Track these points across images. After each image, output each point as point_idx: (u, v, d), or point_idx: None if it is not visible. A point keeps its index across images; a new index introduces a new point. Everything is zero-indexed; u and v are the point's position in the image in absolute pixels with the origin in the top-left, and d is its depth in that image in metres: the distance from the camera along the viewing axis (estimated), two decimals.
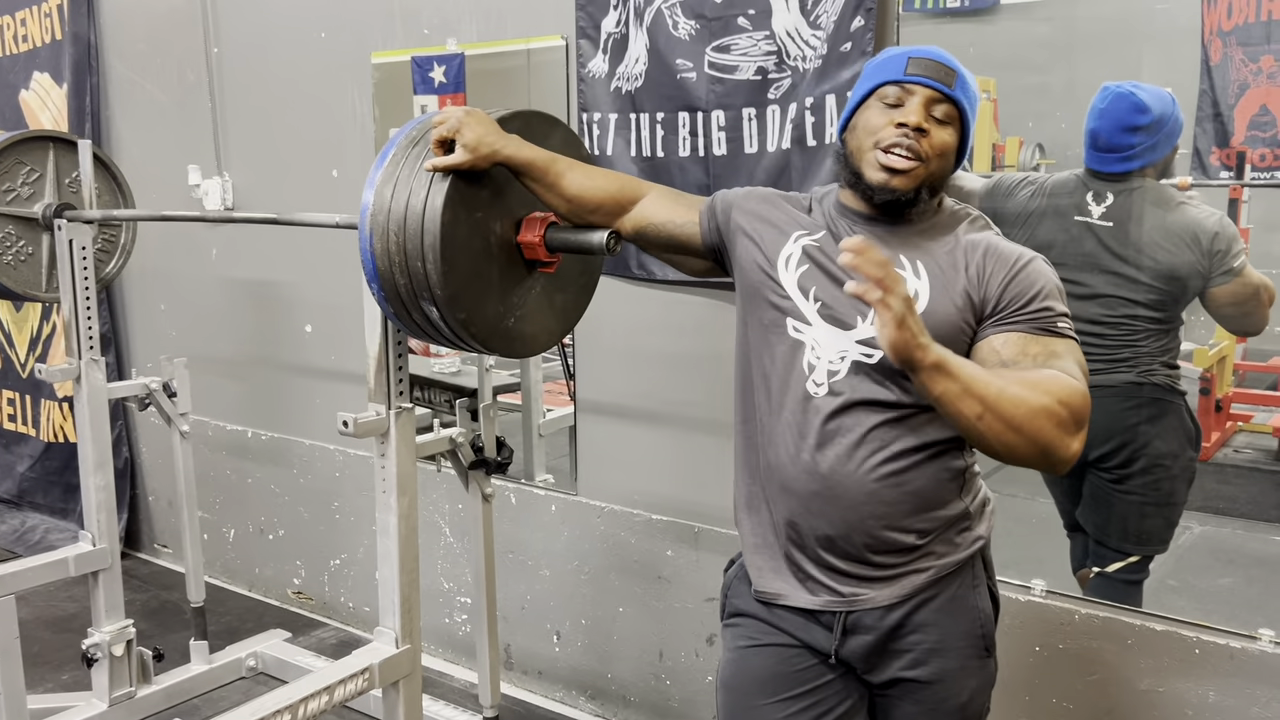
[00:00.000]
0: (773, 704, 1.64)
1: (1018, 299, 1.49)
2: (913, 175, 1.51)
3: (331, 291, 3.46)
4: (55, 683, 3.27)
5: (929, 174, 1.53)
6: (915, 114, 1.50)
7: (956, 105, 1.53)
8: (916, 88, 1.52)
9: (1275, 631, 2.02)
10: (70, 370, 2.81)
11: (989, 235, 1.57)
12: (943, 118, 1.52)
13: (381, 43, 3.18)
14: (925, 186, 1.53)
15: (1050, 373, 1.42)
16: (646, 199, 1.78)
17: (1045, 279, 1.51)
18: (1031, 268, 1.51)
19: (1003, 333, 1.48)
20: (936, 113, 1.52)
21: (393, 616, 2.16)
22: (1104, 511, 2.42)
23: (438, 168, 1.69)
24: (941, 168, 1.55)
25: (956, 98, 1.52)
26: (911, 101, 1.52)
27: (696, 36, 2.44)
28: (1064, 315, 1.50)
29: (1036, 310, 1.48)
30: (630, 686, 2.95)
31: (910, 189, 1.52)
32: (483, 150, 1.68)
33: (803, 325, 1.57)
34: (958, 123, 1.54)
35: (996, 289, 1.50)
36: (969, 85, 1.56)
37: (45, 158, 2.89)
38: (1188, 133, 2.92)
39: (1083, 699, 2.21)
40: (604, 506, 2.92)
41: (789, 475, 1.58)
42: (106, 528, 2.90)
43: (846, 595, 1.58)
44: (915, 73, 1.52)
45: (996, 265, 1.51)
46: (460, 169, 1.69)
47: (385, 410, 2.08)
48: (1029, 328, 1.48)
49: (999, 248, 1.53)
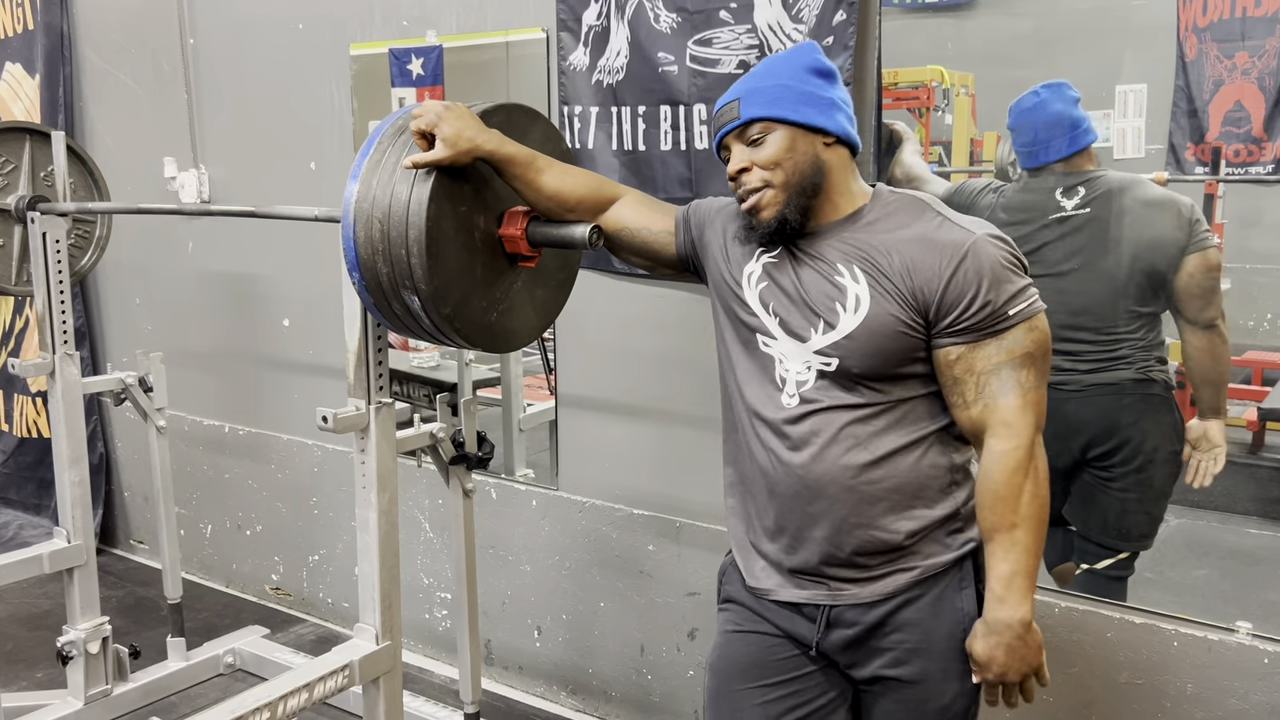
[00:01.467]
0: (751, 689, 1.66)
1: (958, 302, 1.47)
2: (766, 203, 1.57)
3: (310, 285, 3.44)
4: (30, 681, 3.24)
5: (784, 186, 1.55)
6: (733, 163, 1.60)
7: (756, 120, 1.56)
8: (726, 141, 1.62)
9: (1252, 624, 2.04)
10: (44, 365, 2.78)
11: (926, 226, 1.53)
12: (756, 135, 1.57)
13: (360, 34, 3.15)
14: (793, 198, 1.56)
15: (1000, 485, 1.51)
16: (622, 201, 1.81)
17: (984, 268, 1.47)
18: (969, 261, 1.47)
19: (951, 345, 1.51)
20: (751, 134, 1.57)
21: (373, 613, 2.14)
22: (1094, 508, 2.44)
23: (418, 164, 1.67)
24: (794, 171, 1.55)
25: (747, 117, 1.56)
26: (732, 152, 1.61)
27: (678, 30, 2.43)
28: (1016, 295, 1.48)
29: (978, 312, 1.47)
30: (611, 681, 2.95)
31: (776, 214, 1.57)
32: (462, 145, 1.67)
33: (770, 340, 1.60)
34: (774, 126, 1.56)
35: (937, 291, 1.48)
36: (762, 89, 1.57)
37: (21, 149, 2.85)
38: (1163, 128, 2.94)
39: (1063, 692, 2.22)
40: (585, 501, 2.91)
41: (772, 479, 1.60)
42: (81, 524, 2.87)
43: (832, 589, 1.60)
44: (715, 130, 1.63)
45: (933, 262, 1.49)
46: (440, 165, 1.67)
47: (365, 405, 2.06)
48: (974, 336, 1.49)
49: (935, 240, 1.50)
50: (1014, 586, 1.50)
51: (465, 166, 1.71)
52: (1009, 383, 1.49)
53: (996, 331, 1.48)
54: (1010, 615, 1.51)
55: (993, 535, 1.53)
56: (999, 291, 1.47)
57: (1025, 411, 1.49)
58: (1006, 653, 1.52)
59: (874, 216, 1.57)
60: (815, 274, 1.56)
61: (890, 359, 1.52)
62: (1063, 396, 2.39)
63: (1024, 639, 1.52)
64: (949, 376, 1.52)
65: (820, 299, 1.55)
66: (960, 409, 1.53)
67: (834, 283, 1.54)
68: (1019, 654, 1.52)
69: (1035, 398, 1.50)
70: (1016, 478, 1.49)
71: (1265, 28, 2.74)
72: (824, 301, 1.54)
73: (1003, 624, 1.51)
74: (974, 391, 1.51)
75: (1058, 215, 2.35)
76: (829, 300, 1.54)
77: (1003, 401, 1.49)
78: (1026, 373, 1.49)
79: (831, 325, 1.53)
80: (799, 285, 1.57)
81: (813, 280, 1.56)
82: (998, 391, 1.49)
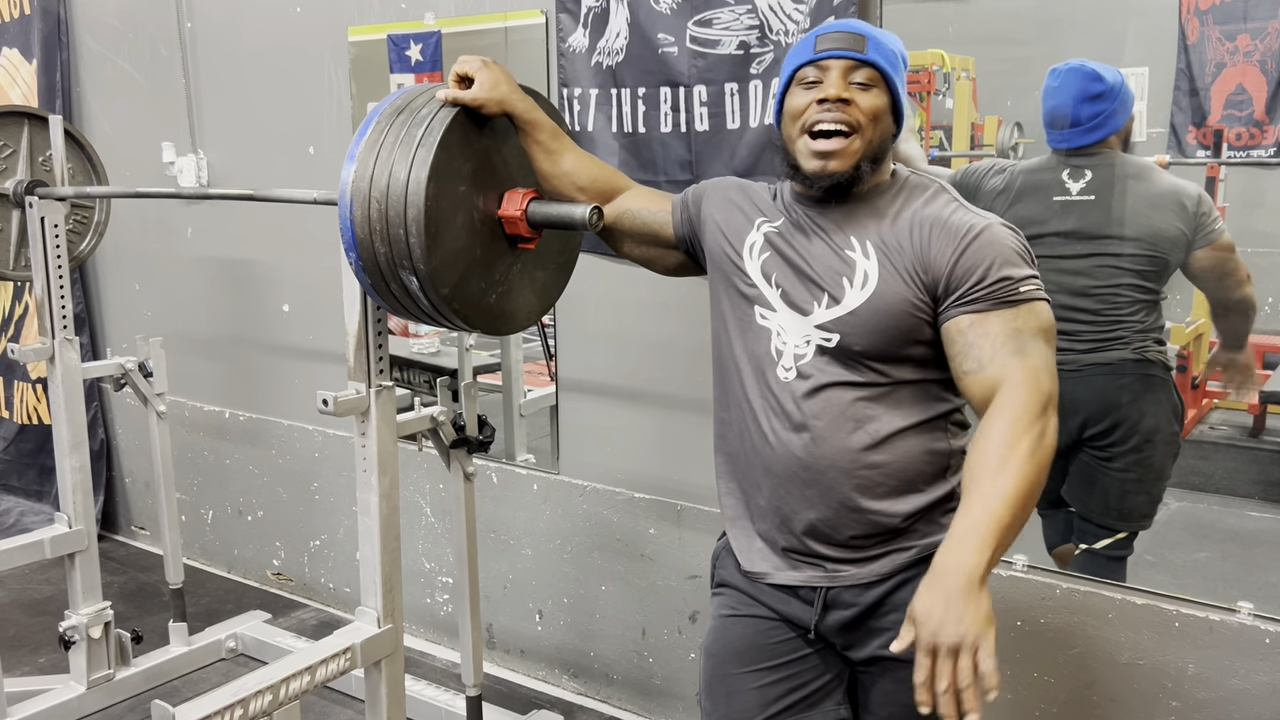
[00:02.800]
0: (747, 673, 1.66)
1: (968, 275, 1.45)
2: (847, 153, 1.50)
3: (310, 270, 3.43)
4: (32, 666, 3.24)
5: (865, 144, 1.51)
6: (834, 86, 1.50)
7: (875, 67, 1.51)
8: (830, 62, 1.51)
9: (1254, 604, 2.03)
10: (44, 350, 2.77)
11: (941, 208, 1.52)
12: (865, 81, 1.51)
13: (358, 17, 3.13)
14: (864, 160, 1.51)
15: (999, 433, 1.36)
16: (629, 192, 1.83)
17: (997, 247, 1.46)
18: (982, 239, 1.46)
19: (963, 314, 1.46)
20: (858, 78, 1.51)
21: (374, 596, 2.14)
22: (1093, 488, 2.44)
23: (453, 99, 1.71)
24: (878, 134, 1.52)
25: (871, 60, 1.51)
26: (829, 76, 1.51)
27: (678, 10, 2.42)
28: (1027, 279, 1.45)
29: (991, 284, 1.44)
30: (613, 664, 2.95)
31: (847, 169, 1.51)
32: (497, 94, 1.72)
33: (768, 312, 1.59)
34: (882, 84, 1.52)
35: (946, 266, 1.46)
36: (885, 45, 1.53)
37: (19, 134, 2.84)
38: (1164, 111, 2.92)
39: (1064, 673, 2.22)
40: (586, 485, 2.91)
41: (768, 458, 1.59)
42: (83, 509, 2.87)
43: (828, 571, 1.59)
44: (825, 48, 1.52)
45: (945, 241, 1.47)
46: (472, 105, 1.71)
47: (365, 389, 2.06)
48: (986, 305, 1.44)
49: (948, 221, 1.49)
50: (978, 531, 1.29)
51: (472, 134, 1.73)
52: (1027, 347, 1.41)
53: (1010, 302, 1.44)
54: (962, 558, 1.27)
55: (974, 480, 1.35)
56: (1011, 269, 1.45)
57: (1041, 375, 1.40)
58: (946, 604, 1.25)
59: (892, 194, 1.57)
60: (824, 246, 1.55)
61: (893, 338, 1.50)
62: (1061, 376, 2.39)
63: (968, 594, 1.25)
64: (961, 344, 1.46)
65: (827, 272, 1.53)
66: (972, 374, 1.44)
67: (843, 257, 1.53)
68: (957, 611, 1.24)
69: (1053, 372, 1.43)
70: (1018, 427, 1.35)
71: (1267, 10, 2.72)
72: (830, 275, 1.53)
73: (949, 568, 1.28)
74: (989, 353, 1.42)
75: (1062, 198, 2.34)
76: (836, 275, 1.53)
77: (1019, 362, 1.40)
78: (1041, 344, 1.44)
79: (836, 300, 1.52)
80: (805, 257, 1.56)
81: (821, 253, 1.55)
82: (1014, 353, 1.41)
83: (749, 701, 1.65)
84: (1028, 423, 1.36)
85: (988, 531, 1.29)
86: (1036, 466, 1.34)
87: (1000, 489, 1.32)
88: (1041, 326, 1.45)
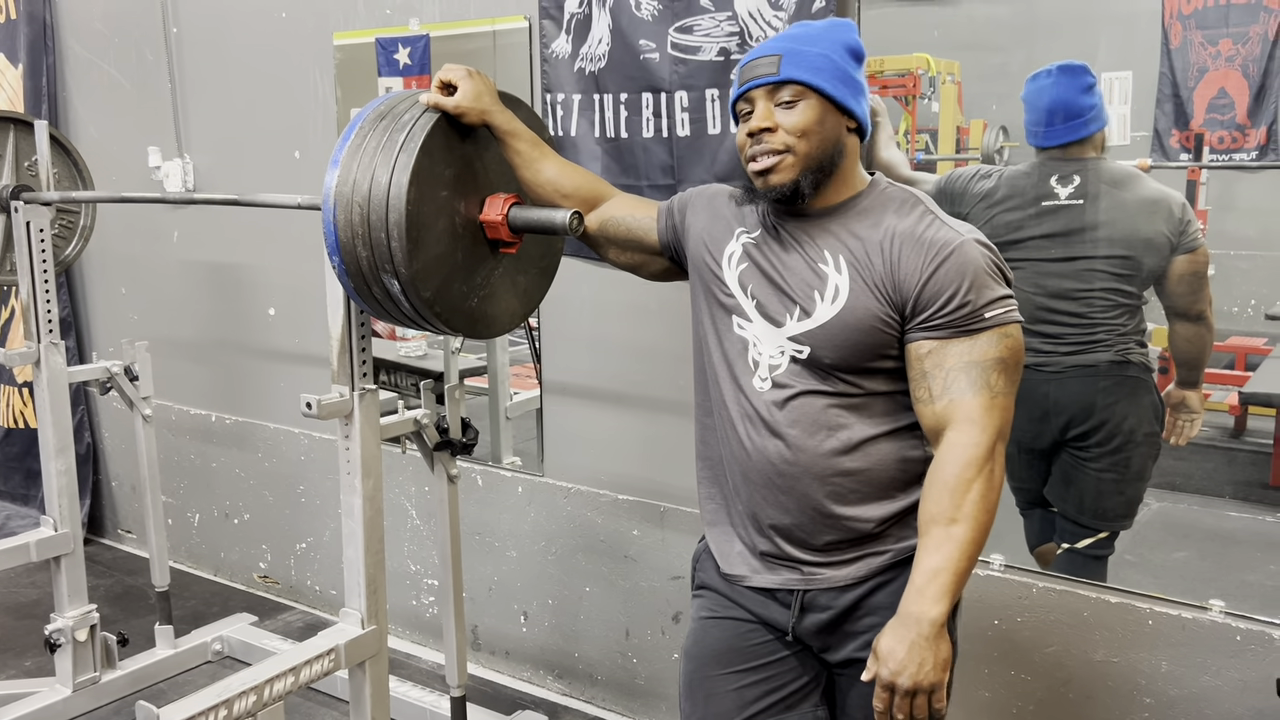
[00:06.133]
0: (726, 675, 1.68)
1: (936, 298, 1.47)
2: (782, 168, 1.52)
3: (295, 274, 3.44)
4: (18, 669, 3.25)
5: (802, 158, 1.52)
6: (757, 119, 1.53)
7: (796, 82, 1.52)
8: (753, 93, 1.54)
9: (1226, 602, 2.07)
10: (29, 354, 2.79)
11: (915, 223, 1.52)
12: (790, 98, 1.52)
13: (343, 23, 3.15)
14: (806, 171, 1.52)
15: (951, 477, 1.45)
16: (613, 200, 1.84)
17: (968, 267, 1.46)
18: (953, 260, 1.47)
19: (924, 340, 1.49)
20: (783, 97, 1.52)
21: (358, 598, 2.16)
22: (1075, 489, 2.47)
23: (435, 104, 1.74)
24: (816, 145, 1.52)
25: (788, 78, 1.51)
26: (755, 107, 1.54)
27: (659, 17, 2.45)
28: (994, 302, 1.47)
29: (955, 310, 1.46)
30: (597, 665, 2.97)
31: (791, 180, 1.52)
32: (480, 105, 1.75)
33: (745, 322, 1.61)
34: (811, 94, 1.52)
35: (916, 286, 1.48)
36: (808, 52, 1.52)
37: (5, 139, 2.85)
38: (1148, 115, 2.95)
39: (1040, 670, 2.25)
40: (571, 487, 2.93)
41: (745, 465, 1.61)
42: (69, 513, 2.88)
43: (805, 574, 1.61)
44: (744, 80, 1.55)
45: (916, 258, 1.48)
46: (454, 113, 1.74)
47: (349, 392, 2.08)
48: (948, 332, 1.47)
49: (921, 237, 1.50)
50: (937, 581, 1.41)
51: (454, 142, 1.76)
52: (978, 382, 1.46)
53: (970, 331, 1.46)
54: (924, 610, 1.41)
55: (930, 527, 1.45)
56: (979, 294, 1.46)
57: (991, 412, 1.46)
58: (908, 650, 1.40)
59: (867, 206, 1.57)
60: (799, 259, 1.56)
61: (862, 352, 1.52)
62: (1043, 377, 2.42)
63: (930, 642, 1.40)
64: (918, 370, 1.50)
65: (799, 285, 1.55)
66: (925, 403, 1.50)
67: (816, 270, 1.55)
68: (919, 657, 1.40)
69: (1003, 403, 1.47)
70: (969, 473, 1.44)
71: (1249, 14, 2.75)
72: (803, 289, 1.55)
73: (913, 617, 1.41)
74: (941, 386, 1.48)
75: (1050, 203, 2.37)
76: (808, 288, 1.55)
77: (970, 399, 1.46)
78: (996, 375, 1.46)
79: (807, 313, 1.54)
80: (780, 269, 1.58)
81: (795, 266, 1.57)
82: (965, 388, 1.46)
83: (728, 703, 1.67)
84: (978, 466, 1.45)
85: (947, 581, 1.42)
86: (987, 510, 1.45)
87: (956, 537, 1.43)
88: (1001, 356, 1.47)
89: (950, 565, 1.42)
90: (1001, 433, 1.47)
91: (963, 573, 1.43)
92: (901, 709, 1.41)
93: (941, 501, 1.45)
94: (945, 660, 1.42)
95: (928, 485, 1.48)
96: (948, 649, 1.43)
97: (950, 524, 1.43)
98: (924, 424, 1.52)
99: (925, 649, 1.40)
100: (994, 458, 1.45)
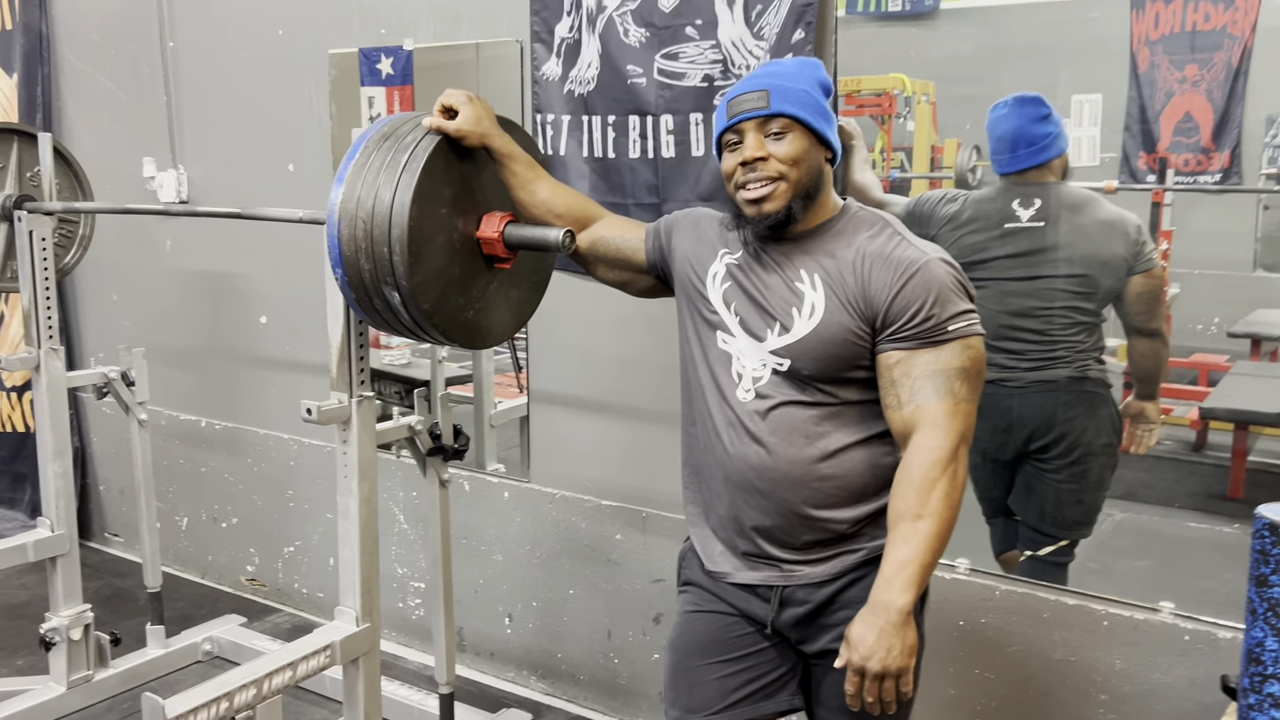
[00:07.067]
0: (709, 665, 1.79)
1: (903, 312, 1.59)
2: (776, 195, 1.64)
3: (287, 284, 3.53)
4: (10, 668, 3.30)
5: (793, 185, 1.65)
6: (749, 149, 1.65)
7: (785, 116, 1.64)
8: (743, 125, 1.66)
9: (1175, 604, 2.19)
10: (30, 359, 2.86)
11: (884, 244, 1.64)
12: (779, 130, 1.64)
13: (339, 41, 3.24)
14: (796, 198, 1.65)
15: (917, 477, 1.57)
16: (603, 220, 1.96)
17: (933, 284, 1.59)
18: (919, 277, 1.59)
19: (893, 350, 1.62)
20: (773, 129, 1.64)
21: (353, 596, 2.25)
22: (1037, 498, 2.58)
23: (438, 128, 1.84)
24: (805, 173, 1.65)
25: (778, 111, 1.64)
26: (746, 138, 1.65)
27: (646, 44, 2.55)
28: (957, 315, 1.59)
29: (920, 323, 1.59)
30: (580, 665, 3.07)
31: (782, 207, 1.65)
32: (480, 129, 1.86)
33: (729, 336, 1.73)
34: (798, 127, 1.64)
35: (885, 301, 1.60)
36: (792, 88, 1.65)
37: (9, 150, 2.93)
38: (1116, 138, 3.06)
39: (1002, 669, 2.37)
40: (555, 493, 3.03)
41: (729, 470, 1.73)
42: (65, 514, 2.95)
43: (784, 570, 1.72)
44: (735, 114, 1.66)
45: (884, 276, 1.61)
46: (455, 136, 1.84)
47: (348, 398, 2.17)
48: (914, 343, 1.60)
49: (889, 256, 1.62)
50: (904, 573, 1.53)
51: (454, 163, 1.86)
52: (942, 389, 1.58)
53: (936, 342, 1.59)
54: (891, 599, 1.53)
55: (897, 523, 1.57)
56: (943, 308, 1.59)
57: (954, 417, 1.58)
58: (877, 636, 1.52)
59: (840, 229, 1.70)
60: (778, 279, 1.69)
61: (838, 364, 1.64)
62: (1007, 392, 2.54)
63: (898, 629, 1.52)
64: (887, 379, 1.63)
65: (779, 303, 1.68)
66: (894, 410, 1.62)
67: (793, 289, 1.67)
68: (887, 643, 1.52)
69: (965, 409, 1.59)
70: (933, 472, 1.56)
71: (1214, 41, 2.88)
72: (782, 306, 1.67)
73: (882, 605, 1.54)
74: (908, 393, 1.60)
75: (1013, 225, 2.49)
76: (786, 305, 1.67)
77: (935, 405, 1.58)
78: (959, 384, 1.59)
79: (786, 329, 1.66)
80: (760, 288, 1.70)
81: (774, 285, 1.69)
82: (930, 395, 1.58)
83: (710, 692, 1.78)
84: (942, 466, 1.57)
85: (913, 573, 1.54)
86: (951, 507, 1.57)
87: (922, 532, 1.55)
88: (963, 365, 1.59)
89: (916, 558, 1.54)
90: (964, 436, 1.59)
91: (928, 565, 1.55)
92: (871, 692, 1.54)
93: (908, 499, 1.57)
94: (911, 647, 1.54)
95: (896, 484, 1.61)
96: (914, 636, 1.55)
97: (916, 520, 1.55)
98: (893, 428, 1.64)
99: (893, 635, 1.52)
100: (957, 459, 1.57)
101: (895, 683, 1.54)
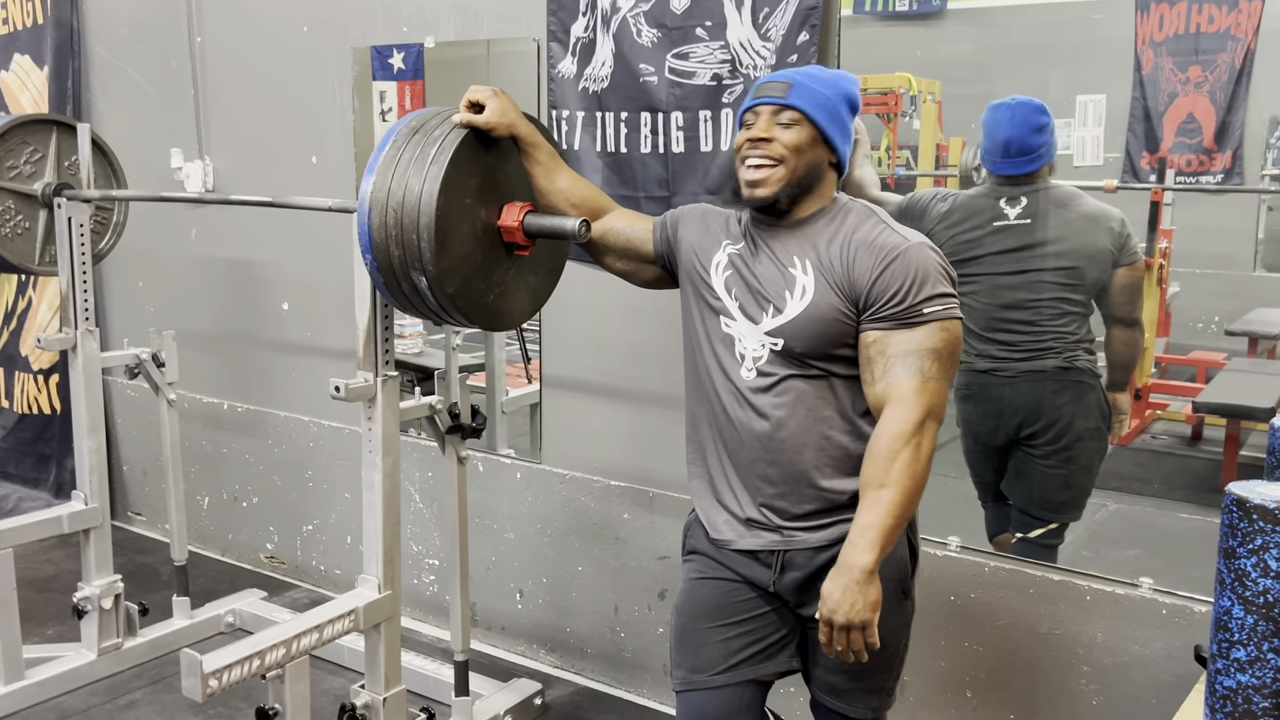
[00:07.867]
0: (714, 628, 1.91)
1: (884, 294, 1.71)
2: (770, 180, 1.77)
3: (309, 271, 3.65)
4: (41, 636, 3.43)
5: (789, 172, 1.78)
6: (758, 129, 1.79)
7: (796, 109, 1.78)
8: (760, 108, 1.81)
9: (1153, 580, 2.31)
10: (67, 339, 3.00)
11: (870, 230, 1.76)
12: (788, 121, 1.78)
13: (363, 39, 3.36)
14: (787, 186, 1.78)
15: (883, 448, 1.69)
16: (613, 212, 2.09)
17: (913, 269, 1.70)
18: (900, 261, 1.71)
19: (872, 330, 1.74)
20: (783, 119, 1.78)
21: (375, 565, 2.38)
22: (1028, 484, 2.70)
23: (467, 122, 1.97)
24: (803, 164, 1.78)
25: (791, 104, 1.78)
26: (759, 119, 1.80)
27: (658, 44, 2.68)
28: (935, 298, 1.70)
29: (897, 305, 1.70)
30: (587, 639, 3.19)
31: (771, 195, 1.78)
32: (506, 119, 1.99)
33: (730, 320, 1.86)
34: (806, 123, 1.78)
35: (867, 284, 1.72)
36: (814, 90, 1.79)
37: (49, 140, 3.07)
38: (1119, 138, 3.14)
39: (990, 642, 2.49)
40: (566, 474, 3.16)
41: (736, 444, 1.86)
42: (99, 488, 3.08)
43: (784, 536, 1.85)
44: (756, 96, 1.82)
45: (868, 260, 1.72)
46: (484, 128, 1.97)
47: (373, 377, 2.30)
48: (892, 324, 1.72)
49: (874, 243, 1.74)
50: (867, 536, 1.66)
51: (481, 152, 1.99)
52: (913, 367, 1.70)
53: (911, 323, 1.71)
54: (856, 559, 1.65)
55: (865, 490, 1.70)
56: (920, 291, 1.71)
57: (921, 393, 1.69)
58: (843, 592, 1.65)
59: (831, 217, 1.83)
60: (771, 265, 1.82)
61: (827, 341, 1.77)
62: (999, 381, 2.66)
63: (861, 585, 1.65)
64: (865, 356, 1.75)
65: (773, 287, 1.81)
66: (869, 385, 1.74)
67: (785, 274, 1.80)
68: (851, 598, 1.65)
69: (934, 387, 1.70)
70: (897, 444, 1.67)
71: (1217, 43, 2.97)
72: (776, 290, 1.80)
73: (847, 565, 1.66)
74: (882, 370, 1.72)
75: (1000, 222, 2.60)
76: (780, 289, 1.80)
77: (904, 381, 1.69)
78: (930, 363, 1.71)
79: (779, 310, 1.79)
80: (757, 275, 1.83)
81: (768, 271, 1.82)
82: (901, 373, 1.70)
83: (714, 653, 1.90)
84: (905, 439, 1.68)
85: (876, 536, 1.66)
86: (913, 476, 1.68)
87: (885, 500, 1.67)
88: (935, 346, 1.71)
89: (878, 522, 1.66)
90: (931, 411, 1.70)
91: (889, 529, 1.67)
92: (839, 641, 1.68)
93: (874, 468, 1.69)
94: (874, 602, 1.67)
95: (866, 454, 1.73)
96: (876, 593, 1.67)
97: (880, 488, 1.68)
98: (869, 403, 1.77)
99: (856, 592, 1.66)
100: (922, 432, 1.68)
101: (861, 634, 1.67)
